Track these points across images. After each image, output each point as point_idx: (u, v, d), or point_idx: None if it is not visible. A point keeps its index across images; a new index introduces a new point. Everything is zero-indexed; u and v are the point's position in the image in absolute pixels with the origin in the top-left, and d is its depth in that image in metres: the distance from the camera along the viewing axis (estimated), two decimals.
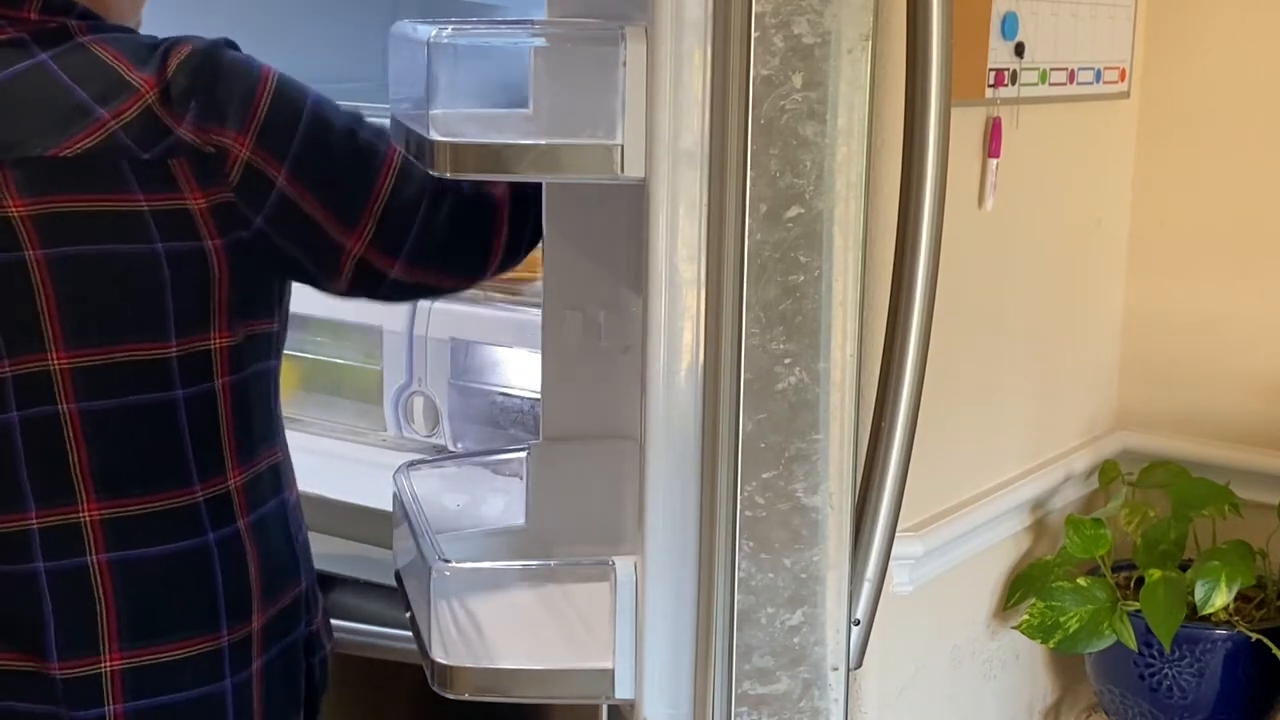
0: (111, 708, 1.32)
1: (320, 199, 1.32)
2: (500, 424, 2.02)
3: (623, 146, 1.02)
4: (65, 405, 1.28)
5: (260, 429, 1.40)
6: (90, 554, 1.31)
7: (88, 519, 1.30)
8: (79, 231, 1.26)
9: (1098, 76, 1.79)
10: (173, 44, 1.30)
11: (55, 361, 1.27)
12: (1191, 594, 1.64)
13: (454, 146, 1.04)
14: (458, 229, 1.38)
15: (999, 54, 1.58)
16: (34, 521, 1.30)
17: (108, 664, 1.32)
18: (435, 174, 1.08)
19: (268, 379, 1.41)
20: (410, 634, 1.23)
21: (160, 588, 1.34)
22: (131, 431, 1.31)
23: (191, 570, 1.35)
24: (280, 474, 1.44)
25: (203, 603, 1.36)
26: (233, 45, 1.35)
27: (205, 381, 1.33)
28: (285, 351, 2.15)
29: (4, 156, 1.25)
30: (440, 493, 1.35)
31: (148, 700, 1.33)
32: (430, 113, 1.05)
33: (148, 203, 1.27)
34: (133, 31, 1.37)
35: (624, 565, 1.07)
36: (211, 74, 1.29)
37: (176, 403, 1.31)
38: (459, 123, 1.06)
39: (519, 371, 1.98)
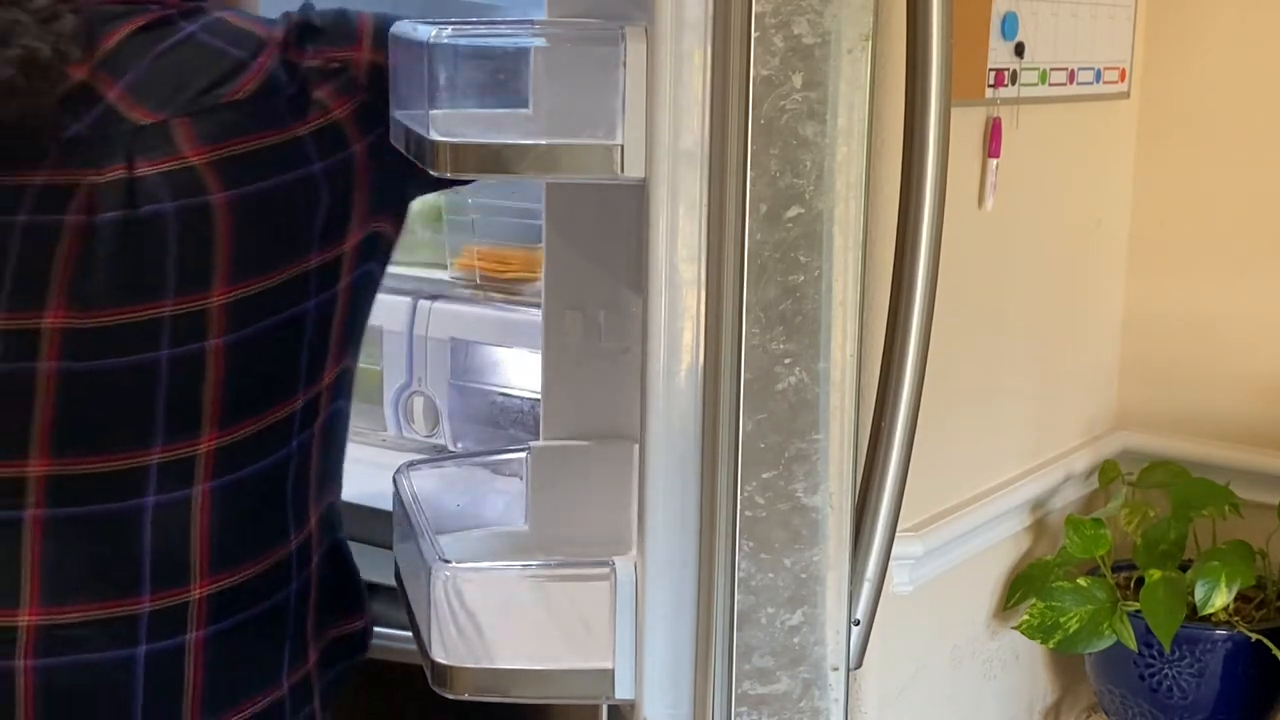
0: (193, 635, 1.34)
1: None
2: (500, 424, 2.01)
3: (623, 146, 1.02)
4: (213, 341, 1.32)
5: (360, 330, 1.45)
6: (198, 483, 1.33)
7: (204, 450, 1.33)
8: (252, 170, 1.32)
9: (1098, 76, 1.79)
10: (286, 13, 1.42)
11: (216, 299, 1.31)
12: (1191, 594, 1.64)
13: (454, 146, 1.04)
14: None
15: (999, 54, 1.58)
16: (156, 457, 1.32)
17: (196, 591, 1.34)
18: (438, 175, 1.08)
19: (375, 281, 1.45)
20: (410, 634, 1.23)
21: (249, 506, 1.37)
22: (262, 356, 1.35)
23: (275, 481, 1.39)
24: (353, 377, 1.49)
25: (278, 513, 1.39)
26: None
27: (330, 288, 1.38)
28: None
29: (182, 111, 1.32)
30: (440, 493, 1.35)
31: (226, 621, 1.36)
32: (430, 113, 1.05)
33: (304, 128, 1.34)
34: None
35: (624, 565, 1.07)
36: (318, 17, 1.40)
37: (307, 314, 1.36)
38: (459, 123, 1.06)
39: (519, 371, 1.98)
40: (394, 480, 1.35)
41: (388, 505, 1.36)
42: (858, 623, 1.10)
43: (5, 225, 1.30)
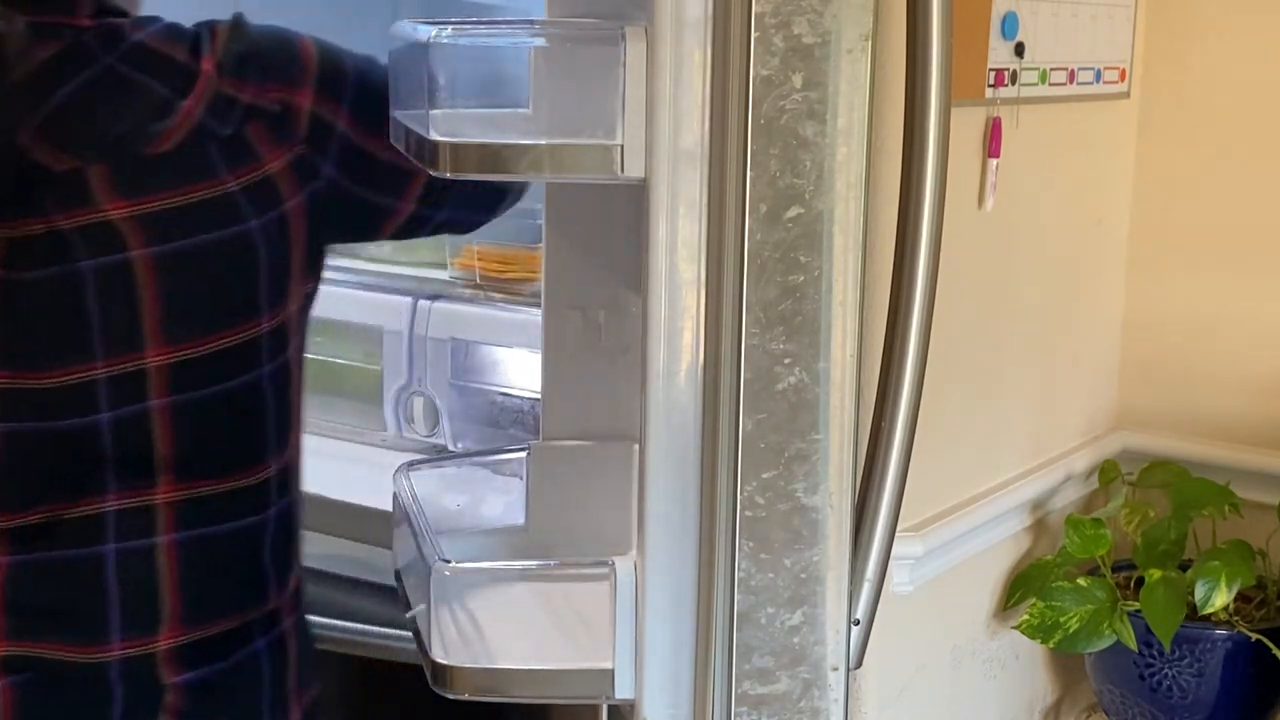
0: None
1: (381, 131, 1.36)
2: (500, 424, 2.02)
3: (623, 146, 1.02)
4: (156, 401, 1.29)
5: (301, 395, 1.44)
6: (160, 534, 1.33)
7: (161, 501, 1.32)
8: (181, 227, 1.28)
9: (1098, 76, 1.79)
10: (208, 26, 1.34)
11: (152, 360, 1.28)
12: (1191, 594, 1.64)
13: (454, 146, 1.04)
14: None
15: (999, 54, 1.58)
16: (111, 505, 1.31)
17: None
18: (438, 175, 1.08)
19: (308, 331, 1.44)
20: (410, 634, 1.23)
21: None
22: (215, 421, 1.33)
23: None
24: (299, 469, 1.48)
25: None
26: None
27: (282, 353, 1.36)
28: None
29: (100, 159, 1.26)
30: (440, 493, 1.35)
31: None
32: (430, 113, 1.05)
33: (235, 181, 1.29)
34: (159, 19, 1.39)
35: (624, 565, 1.07)
36: (256, 41, 1.33)
37: (261, 380, 1.35)
38: (459, 123, 1.06)
39: (519, 371, 1.98)
40: (394, 480, 1.35)
41: (388, 505, 1.36)
42: (858, 623, 1.09)
43: None
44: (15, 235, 1.23)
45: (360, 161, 1.37)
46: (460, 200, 1.47)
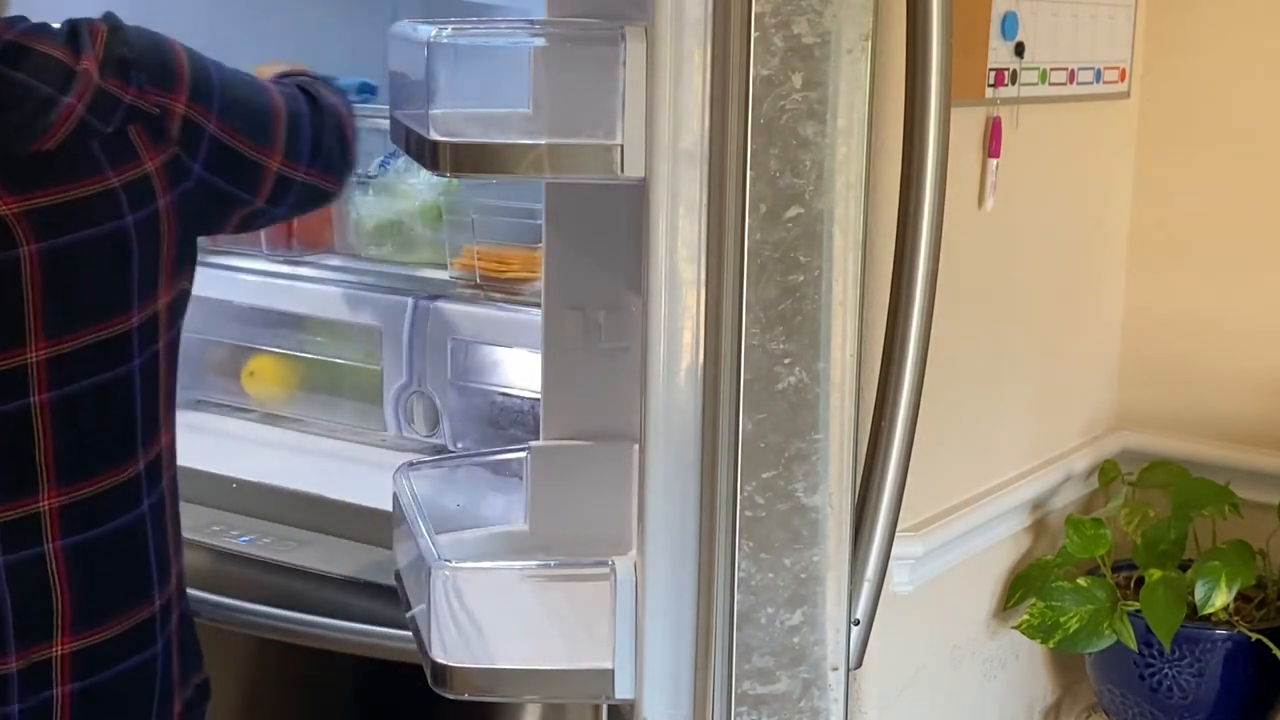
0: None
1: (243, 131, 1.43)
2: (500, 424, 2.01)
3: (623, 146, 1.02)
4: (37, 397, 1.30)
5: (174, 390, 1.45)
6: (47, 541, 1.33)
7: (46, 507, 1.32)
8: (67, 222, 1.29)
9: (1098, 76, 1.79)
10: (85, 24, 1.36)
11: (34, 355, 1.29)
12: (1191, 594, 1.64)
13: (454, 146, 1.04)
14: (332, 132, 1.53)
15: (999, 54, 1.58)
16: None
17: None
18: (438, 175, 1.09)
19: (180, 337, 1.46)
20: (410, 634, 1.23)
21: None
22: (89, 417, 1.34)
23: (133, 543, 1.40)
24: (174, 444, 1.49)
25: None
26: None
27: (152, 346, 1.38)
28: (286, 351, 2.16)
29: None
30: (440, 493, 1.35)
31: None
32: (430, 113, 1.05)
33: (117, 178, 1.32)
34: (25, 19, 1.40)
35: (624, 565, 1.07)
36: (134, 44, 1.36)
37: (132, 374, 1.36)
38: (459, 123, 1.06)
39: (519, 371, 1.98)
40: (394, 480, 1.35)
41: (388, 505, 1.36)
42: (858, 623, 1.10)
43: None
44: None
45: (226, 159, 1.42)
46: (299, 200, 1.54)
